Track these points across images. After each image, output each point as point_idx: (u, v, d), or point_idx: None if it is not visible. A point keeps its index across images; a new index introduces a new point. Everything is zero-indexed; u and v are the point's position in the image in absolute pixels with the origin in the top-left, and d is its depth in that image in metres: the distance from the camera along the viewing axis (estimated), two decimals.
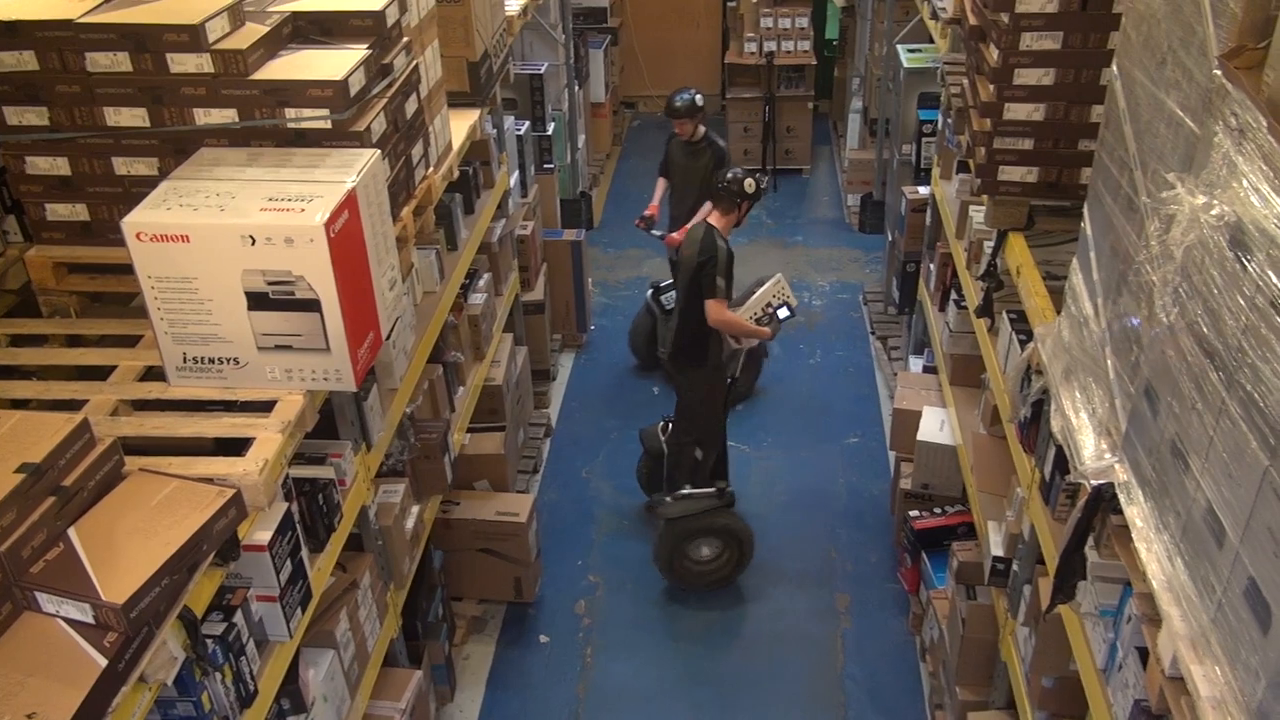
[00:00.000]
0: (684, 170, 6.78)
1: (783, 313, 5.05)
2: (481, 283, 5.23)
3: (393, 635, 3.96)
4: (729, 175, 5.01)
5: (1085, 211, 2.91)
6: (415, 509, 4.13)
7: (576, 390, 6.99)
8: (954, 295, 4.97)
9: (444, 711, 4.56)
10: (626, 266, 8.50)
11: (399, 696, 3.91)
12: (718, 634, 5.12)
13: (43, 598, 2.12)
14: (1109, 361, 2.56)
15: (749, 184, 4.96)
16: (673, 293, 6.27)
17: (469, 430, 5.06)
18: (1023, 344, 3.66)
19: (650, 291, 6.85)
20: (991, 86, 3.82)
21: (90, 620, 2.10)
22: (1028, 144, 3.80)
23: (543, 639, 5.08)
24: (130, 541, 2.23)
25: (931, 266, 5.62)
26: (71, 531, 2.24)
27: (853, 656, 4.95)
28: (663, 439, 5.48)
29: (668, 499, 5.19)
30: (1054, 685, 3.28)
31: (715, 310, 4.82)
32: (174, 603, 2.27)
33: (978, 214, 4.50)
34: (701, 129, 6.71)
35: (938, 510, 4.85)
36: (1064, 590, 2.72)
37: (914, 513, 4.89)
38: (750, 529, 5.26)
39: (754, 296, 5.05)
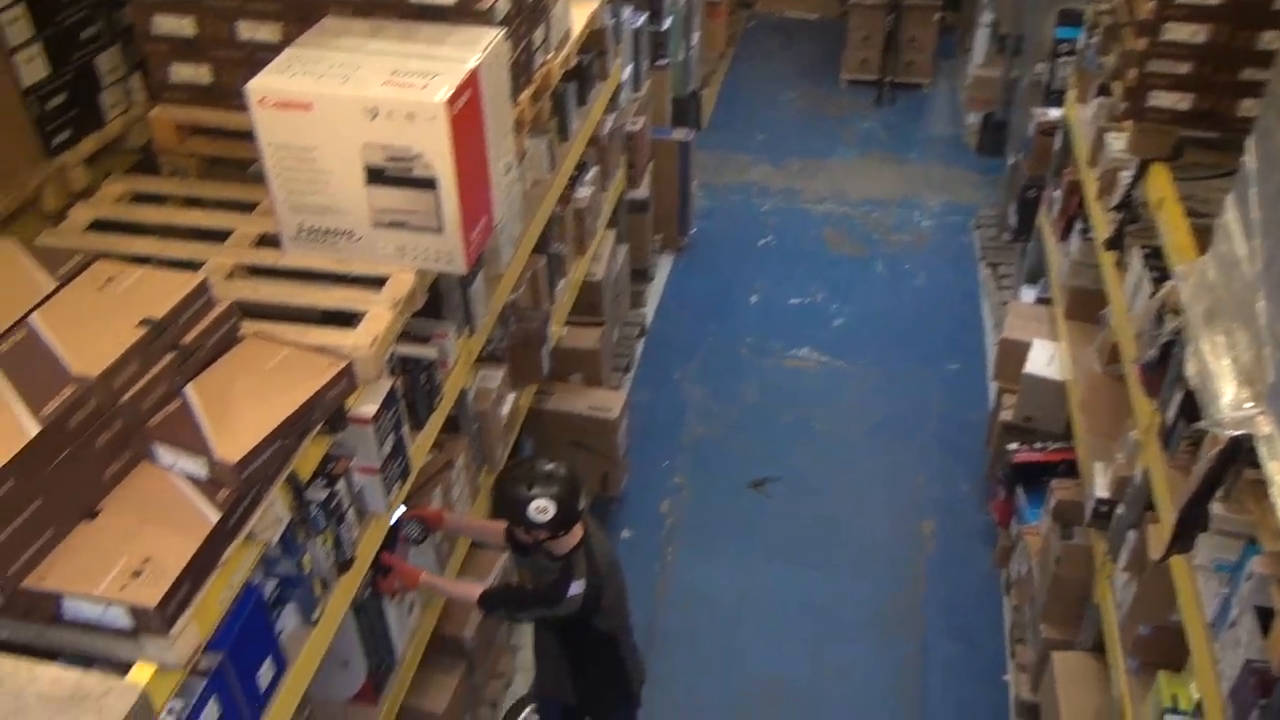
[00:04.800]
0: None
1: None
2: (589, 176, 5.16)
3: (483, 516, 4.02)
4: None
5: (1251, 144, 2.70)
6: (511, 396, 4.15)
7: (674, 292, 6.92)
8: (1079, 225, 4.75)
9: None
10: (732, 171, 8.32)
11: (486, 575, 3.98)
12: (800, 548, 5.10)
13: (160, 450, 2.17)
14: (1261, 306, 2.41)
15: None
16: None
17: (567, 323, 5.06)
18: (1155, 281, 3.48)
19: None
20: (1150, 3, 3.57)
21: (204, 476, 2.14)
22: (1185, 68, 3.56)
23: (625, 534, 5.13)
24: (244, 403, 2.26)
25: (1056, 194, 5.38)
26: (189, 389, 2.27)
27: (934, 583, 4.90)
28: None
29: None
30: (1150, 634, 3.19)
31: None
32: (283, 466, 2.31)
33: (1116, 141, 4.26)
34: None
35: (1038, 445, 4.71)
36: (1182, 540, 2.61)
37: (1013, 445, 4.75)
38: None
39: None
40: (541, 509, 3.06)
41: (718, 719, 4.35)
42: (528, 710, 3.68)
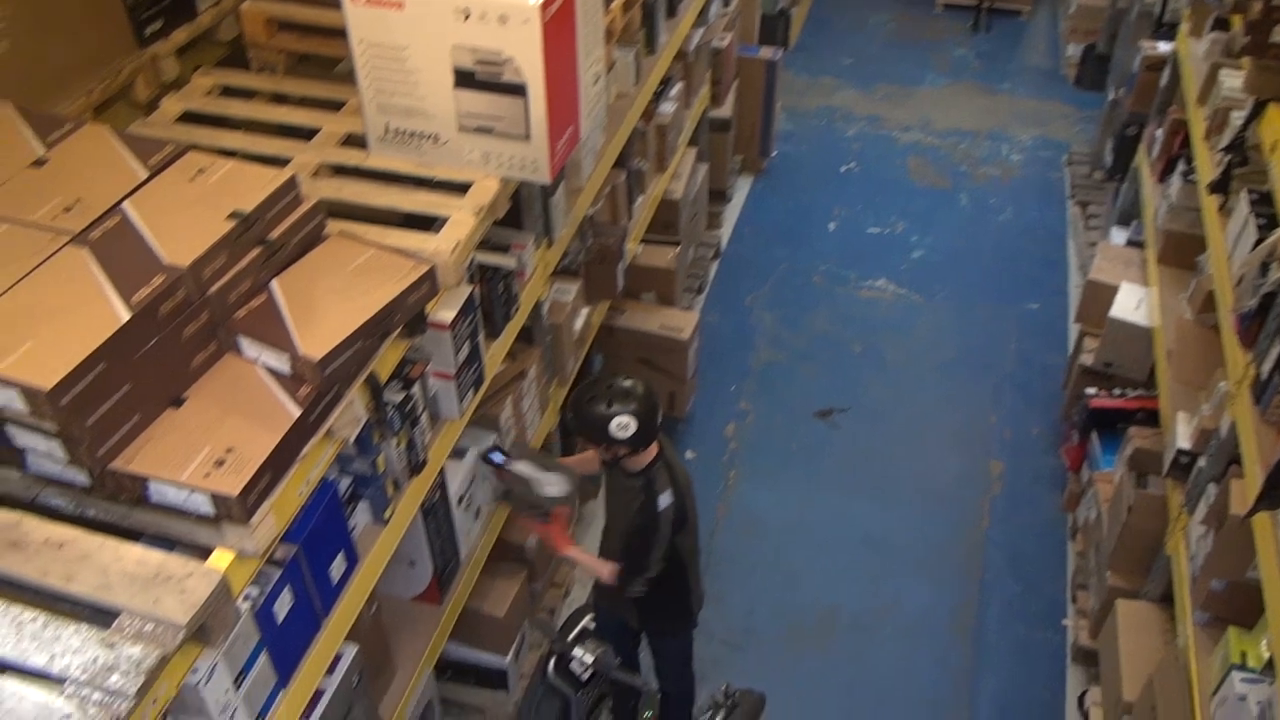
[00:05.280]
0: None
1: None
2: (673, 92, 5.06)
3: (550, 428, 4.05)
4: None
5: None
6: (584, 310, 4.14)
7: (750, 215, 6.82)
8: (1181, 167, 4.56)
9: (588, 507, 4.70)
10: (818, 95, 8.12)
11: None
12: (863, 479, 5.08)
13: (245, 342, 2.19)
14: None
15: None
16: None
17: (643, 241, 5.02)
18: (1261, 229, 3.33)
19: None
20: None
21: (286, 370, 2.17)
22: None
23: (689, 455, 5.14)
24: (328, 301, 2.27)
25: (1158, 132, 5.16)
26: (274, 284, 2.29)
27: (999, 524, 4.85)
28: None
29: None
30: (1224, 589, 3.12)
31: None
32: (363, 366, 2.33)
33: (1231, 79, 4.06)
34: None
35: (1117, 391, 4.60)
36: (1271, 497, 2.53)
37: (1091, 390, 4.65)
38: None
39: None
40: (623, 425, 3.09)
41: (770, 643, 4.39)
42: (586, 619, 3.75)
